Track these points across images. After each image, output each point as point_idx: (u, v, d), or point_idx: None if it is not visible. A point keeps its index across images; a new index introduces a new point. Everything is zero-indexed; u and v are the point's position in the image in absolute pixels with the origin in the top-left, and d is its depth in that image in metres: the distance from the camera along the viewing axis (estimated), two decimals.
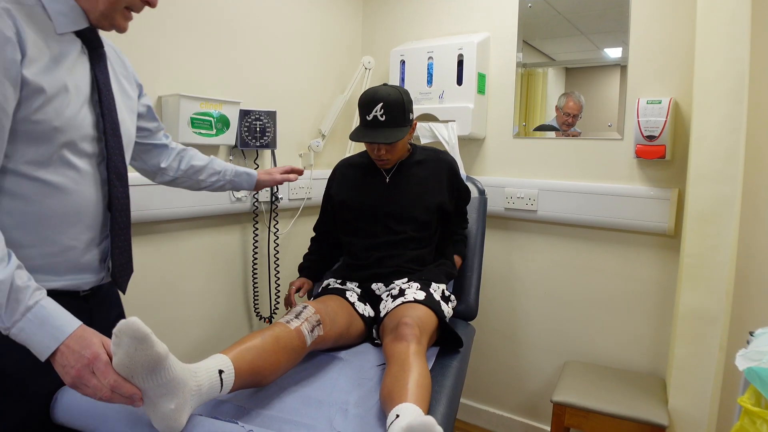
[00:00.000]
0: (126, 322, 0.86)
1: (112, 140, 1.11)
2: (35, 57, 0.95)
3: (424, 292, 1.63)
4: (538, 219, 2.26)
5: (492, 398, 2.49)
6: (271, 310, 2.36)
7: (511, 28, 2.28)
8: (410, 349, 1.31)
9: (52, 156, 1.00)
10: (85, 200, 1.07)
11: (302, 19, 2.41)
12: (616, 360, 2.15)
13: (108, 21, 1.07)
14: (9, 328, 0.88)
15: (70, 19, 1.02)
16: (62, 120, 0.99)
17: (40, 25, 0.97)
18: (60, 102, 0.99)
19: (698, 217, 1.70)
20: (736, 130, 1.63)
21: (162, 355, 0.90)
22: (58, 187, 1.02)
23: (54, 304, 0.93)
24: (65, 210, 1.04)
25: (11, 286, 0.87)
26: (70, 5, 1.02)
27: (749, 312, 1.83)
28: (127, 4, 1.07)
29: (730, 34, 1.63)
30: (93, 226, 1.10)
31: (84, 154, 1.06)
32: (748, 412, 0.99)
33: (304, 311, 1.41)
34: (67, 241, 1.05)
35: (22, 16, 0.93)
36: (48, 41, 0.98)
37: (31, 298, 0.89)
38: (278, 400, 1.24)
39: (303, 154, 2.46)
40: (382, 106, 1.67)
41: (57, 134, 0.99)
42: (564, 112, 2.20)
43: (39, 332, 0.89)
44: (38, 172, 0.99)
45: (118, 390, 0.88)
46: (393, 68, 2.47)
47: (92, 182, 1.09)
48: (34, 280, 0.92)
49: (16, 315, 0.88)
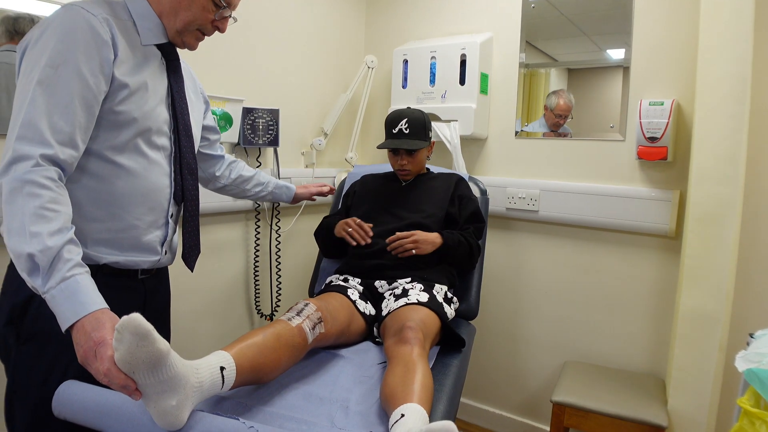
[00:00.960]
0: (128, 318, 0.86)
1: (185, 139, 1.28)
2: (124, 59, 1.12)
3: (427, 294, 1.64)
4: (539, 219, 2.26)
5: (492, 397, 2.49)
6: (272, 307, 2.36)
7: (514, 29, 2.28)
8: (414, 352, 1.32)
9: (128, 143, 1.15)
10: (152, 185, 1.21)
11: (306, 19, 2.42)
12: (615, 360, 2.15)
13: (181, 38, 1.24)
14: (45, 293, 0.94)
15: (153, 33, 1.20)
16: (140, 113, 1.15)
17: (130, 35, 1.16)
18: (140, 97, 1.15)
19: (699, 219, 1.70)
20: (738, 132, 1.64)
21: (164, 351, 0.90)
22: (130, 171, 1.16)
23: (89, 282, 0.98)
24: (133, 191, 1.17)
25: (57, 254, 0.95)
26: (155, 22, 1.20)
27: (749, 313, 1.83)
28: (199, 26, 1.23)
29: (732, 36, 1.63)
30: (155, 209, 1.23)
31: (155, 146, 1.21)
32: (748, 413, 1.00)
33: (306, 309, 1.41)
34: (131, 219, 1.18)
35: (117, 25, 1.12)
36: (134, 49, 1.16)
37: (70, 270, 0.95)
38: (279, 397, 1.25)
39: (305, 153, 2.46)
40: (406, 121, 1.90)
41: (135, 124, 1.14)
42: (555, 113, 2.20)
43: (65, 304, 0.94)
44: (115, 156, 1.13)
45: (110, 378, 0.90)
46: (396, 68, 2.47)
47: (160, 171, 1.23)
48: (81, 258, 0.99)
49: (51, 282, 0.94)
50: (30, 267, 0.94)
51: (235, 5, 1.26)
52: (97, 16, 1.07)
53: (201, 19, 1.21)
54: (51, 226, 0.96)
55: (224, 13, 1.23)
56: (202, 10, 1.20)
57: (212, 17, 1.22)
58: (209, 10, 1.21)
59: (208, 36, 1.27)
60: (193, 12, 1.20)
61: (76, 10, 1.06)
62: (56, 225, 0.97)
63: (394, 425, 1.06)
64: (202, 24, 1.22)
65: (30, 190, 0.96)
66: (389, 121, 1.95)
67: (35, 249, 0.93)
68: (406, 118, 1.91)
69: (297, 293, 2.49)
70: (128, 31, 1.15)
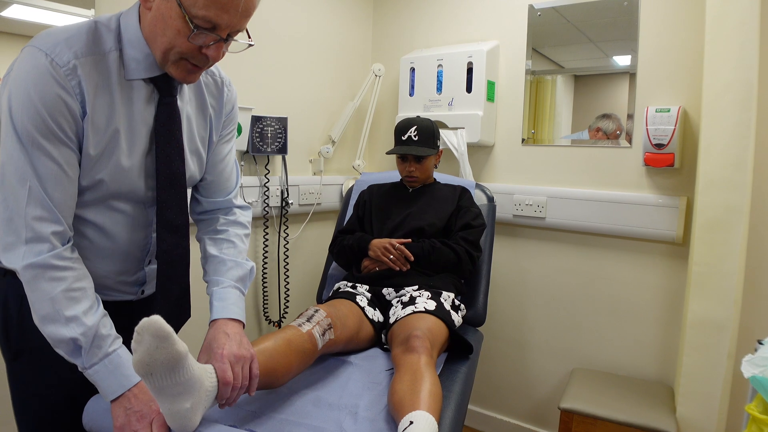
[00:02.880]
0: (148, 320, 0.88)
1: (167, 192, 1.11)
2: (94, 112, 0.98)
3: (435, 302, 1.65)
4: (546, 226, 2.27)
5: (500, 405, 2.49)
6: (280, 314, 2.38)
7: (521, 36, 2.30)
8: (422, 361, 1.32)
9: (97, 200, 1.06)
10: (125, 240, 1.13)
11: (313, 28, 2.44)
12: (623, 367, 2.15)
13: (168, 70, 1.03)
14: (86, 368, 0.98)
15: (141, 66, 1.02)
16: (108, 176, 1.03)
17: (111, 71, 1.00)
18: (107, 159, 1.02)
19: (707, 225, 1.70)
20: (745, 138, 1.64)
21: (182, 353, 0.92)
22: (100, 226, 1.09)
23: (128, 353, 1.00)
24: (104, 245, 1.11)
25: (96, 332, 0.98)
26: (144, 53, 1.02)
27: (757, 320, 1.82)
28: (182, 55, 0.99)
29: (738, 42, 1.63)
30: (129, 260, 1.17)
31: (133, 200, 1.10)
32: (756, 419, 1.00)
33: (316, 315, 1.42)
34: (96, 270, 1.10)
35: (87, 67, 0.96)
36: (113, 90, 1.01)
37: (111, 345, 1.00)
38: (289, 403, 1.26)
39: (313, 160, 2.48)
40: (416, 129, 1.93)
41: (101, 187, 1.04)
42: (611, 137, 2.12)
43: (110, 377, 0.99)
44: (81, 211, 1.05)
45: None
46: (403, 76, 2.49)
47: (138, 225, 1.14)
48: (114, 329, 1.02)
49: (95, 359, 0.98)
50: (72, 349, 0.97)
51: (227, 25, 0.96)
52: (61, 68, 0.93)
53: (180, 45, 0.97)
54: (83, 305, 0.98)
55: (202, 38, 0.96)
56: (177, 34, 0.95)
57: (194, 43, 0.96)
58: (184, 33, 0.95)
59: (202, 66, 1.03)
60: (168, 37, 0.96)
61: (38, 60, 0.92)
62: (87, 303, 0.99)
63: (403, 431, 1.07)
64: (184, 51, 0.98)
65: (52, 274, 0.96)
66: (399, 129, 1.97)
67: (77, 333, 0.95)
68: (416, 126, 1.94)
69: (305, 300, 2.50)
70: (108, 69, 0.99)
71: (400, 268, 1.80)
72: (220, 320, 1.15)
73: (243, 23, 1.00)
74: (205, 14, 0.93)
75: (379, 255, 1.82)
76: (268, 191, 2.24)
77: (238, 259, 1.25)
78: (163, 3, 0.95)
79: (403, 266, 1.80)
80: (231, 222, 1.31)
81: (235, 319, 1.16)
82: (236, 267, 1.24)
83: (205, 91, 1.20)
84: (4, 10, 1.47)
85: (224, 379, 1.03)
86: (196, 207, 1.32)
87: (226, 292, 1.19)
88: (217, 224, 1.30)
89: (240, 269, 1.24)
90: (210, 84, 1.21)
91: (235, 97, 1.29)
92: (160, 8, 0.95)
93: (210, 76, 1.21)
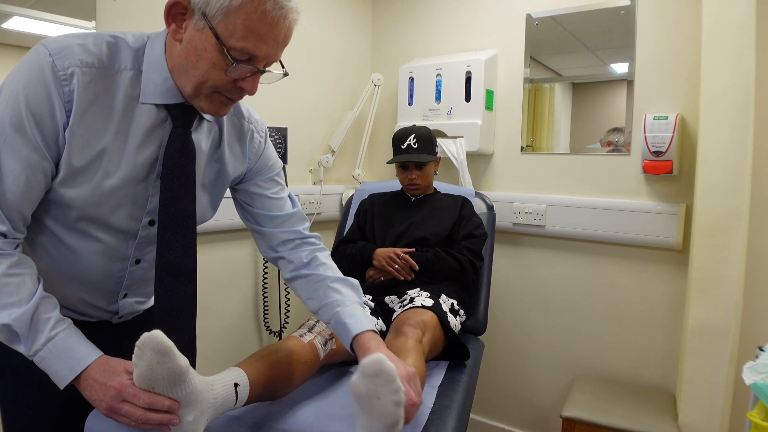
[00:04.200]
0: (149, 335, 0.87)
1: (170, 232, 1.02)
2: (80, 126, 0.92)
3: (432, 300, 1.66)
4: (546, 234, 2.27)
5: (501, 413, 2.48)
6: (280, 324, 2.37)
7: (519, 45, 2.31)
8: (408, 343, 1.33)
9: (72, 223, 0.99)
10: (99, 270, 1.06)
11: (313, 38, 2.46)
12: (625, 374, 2.15)
13: (197, 103, 0.98)
14: (32, 356, 0.92)
15: (159, 90, 0.97)
16: (83, 198, 0.96)
17: (119, 90, 0.95)
18: (88, 177, 0.95)
19: (706, 232, 1.71)
20: (743, 144, 1.64)
21: (183, 367, 0.91)
22: (74, 251, 1.02)
23: (76, 335, 0.95)
24: (75, 273, 1.05)
25: (32, 316, 0.91)
26: (163, 77, 0.96)
27: (758, 326, 1.82)
28: (215, 89, 0.94)
29: (735, 49, 1.64)
30: (101, 292, 1.11)
31: (112, 230, 1.02)
32: (758, 426, 1.00)
33: (317, 325, 1.42)
34: (71, 296, 1.07)
35: (92, 80, 0.92)
36: (114, 108, 0.95)
37: (54, 329, 0.93)
38: (291, 414, 1.25)
39: (313, 170, 2.49)
40: (414, 136, 1.96)
41: (76, 209, 0.97)
42: (620, 147, 2.12)
43: (57, 363, 0.92)
44: (59, 231, 1.00)
45: (156, 405, 0.90)
46: (402, 85, 2.50)
47: (113, 257, 1.06)
48: (59, 311, 0.96)
49: (37, 344, 0.91)
50: (9, 336, 0.91)
51: (266, 56, 0.93)
52: (59, 71, 0.89)
53: (215, 79, 0.92)
54: (21, 292, 0.91)
55: (239, 71, 0.92)
56: (212, 67, 0.91)
57: (229, 76, 0.92)
58: (220, 66, 0.91)
59: (236, 99, 0.99)
60: (201, 70, 0.92)
61: (40, 59, 0.90)
62: (25, 290, 0.92)
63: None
64: (219, 84, 0.93)
65: None
66: (397, 138, 1.99)
67: (9, 319, 0.89)
68: (414, 134, 1.96)
69: (305, 310, 2.48)
70: (115, 86, 0.94)
71: (405, 277, 1.80)
72: (368, 333, 1.12)
73: (280, 53, 0.96)
74: (243, 46, 0.89)
75: (384, 264, 1.83)
76: None
77: (340, 276, 1.25)
78: (196, 34, 0.90)
79: (408, 276, 1.80)
80: (317, 248, 1.31)
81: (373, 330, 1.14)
82: (347, 285, 1.24)
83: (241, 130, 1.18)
84: (5, 21, 1.48)
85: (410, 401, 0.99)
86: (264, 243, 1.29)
87: (351, 309, 1.16)
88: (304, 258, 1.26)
89: (350, 287, 1.23)
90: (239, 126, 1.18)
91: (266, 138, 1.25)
92: (193, 40, 0.91)
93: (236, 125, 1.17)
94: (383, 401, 0.94)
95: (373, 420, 0.97)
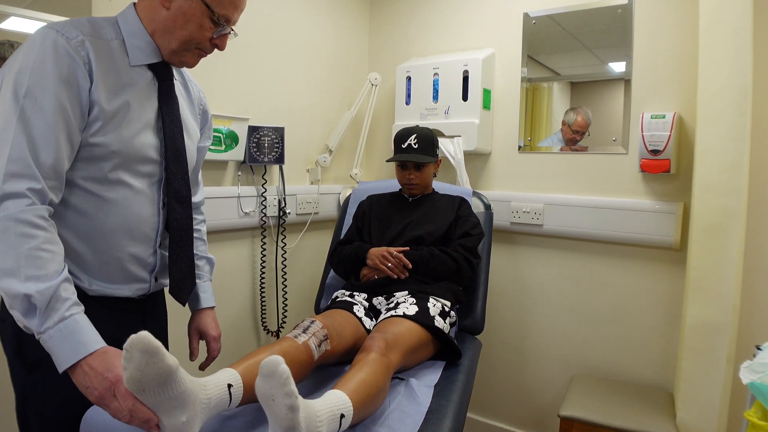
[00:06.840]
0: (136, 337, 0.87)
1: (174, 165, 1.20)
2: (101, 85, 1.06)
3: (417, 307, 1.62)
4: (543, 233, 2.27)
5: (499, 413, 2.48)
6: (278, 324, 2.37)
7: (516, 44, 2.31)
8: (369, 356, 1.31)
9: (109, 175, 1.10)
10: (136, 217, 1.16)
11: (310, 37, 2.45)
12: (623, 373, 2.14)
13: (178, 58, 1.18)
14: (41, 333, 0.94)
15: (144, 53, 1.15)
16: (118, 143, 1.09)
17: (114, 57, 1.10)
18: (117, 125, 1.09)
19: (704, 230, 1.70)
20: (740, 142, 1.64)
21: (173, 367, 0.91)
22: (112, 203, 1.11)
23: (86, 322, 0.98)
24: (116, 225, 1.13)
25: (54, 293, 0.94)
26: (146, 41, 1.15)
27: (756, 324, 1.82)
28: (197, 45, 1.16)
29: (732, 47, 1.64)
30: (142, 240, 1.18)
31: (140, 174, 1.15)
32: (755, 426, 1.00)
33: (312, 326, 1.42)
34: (115, 252, 1.14)
35: (95, 47, 1.06)
36: (117, 72, 1.10)
37: (69, 310, 0.96)
38: None
39: (311, 169, 2.49)
40: (415, 137, 1.96)
41: (113, 156, 1.09)
42: (573, 129, 2.20)
43: (63, 344, 0.94)
44: (97, 188, 1.09)
45: (136, 414, 0.92)
46: (399, 84, 2.50)
47: (145, 201, 1.17)
48: (76, 296, 0.99)
49: (49, 322, 0.93)
50: (26, 308, 0.93)
51: (234, 21, 1.19)
52: (71, 40, 1.02)
53: (198, 37, 1.14)
54: (47, 267, 0.95)
55: (223, 31, 1.16)
56: (199, 29, 1.13)
57: (210, 35, 1.15)
58: (207, 28, 1.13)
59: (208, 54, 1.21)
60: (189, 31, 1.12)
61: (50, 34, 1.01)
62: (52, 266, 0.96)
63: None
64: (200, 42, 1.15)
65: (23, 230, 0.94)
66: (398, 137, 1.99)
67: (33, 290, 0.92)
68: (416, 134, 1.96)
69: (303, 309, 2.50)
70: (112, 53, 1.10)
71: (399, 276, 1.79)
72: (208, 309, 1.42)
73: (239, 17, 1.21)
74: (225, 12, 1.14)
75: (377, 263, 1.82)
76: (265, 201, 2.24)
77: (208, 255, 1.47)
78: (185, 3, 1.10)
79: (402, 274, 1.80)
80: (200, 221, 1.46)
81: (213, 307, 1.44)
82: (208, 263, 1.46)
83: (185, 82, 1.34)
84: (2, 22, 1.48)
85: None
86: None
87: (206, 285, 1.43)
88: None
89: (210, 264, 1.47)
90: (184, 79, 1.35)
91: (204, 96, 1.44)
92: (182, 7, 1.11)
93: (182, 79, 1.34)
94: (277, 403, 0.94)
95: (273, 422, 0.97)
